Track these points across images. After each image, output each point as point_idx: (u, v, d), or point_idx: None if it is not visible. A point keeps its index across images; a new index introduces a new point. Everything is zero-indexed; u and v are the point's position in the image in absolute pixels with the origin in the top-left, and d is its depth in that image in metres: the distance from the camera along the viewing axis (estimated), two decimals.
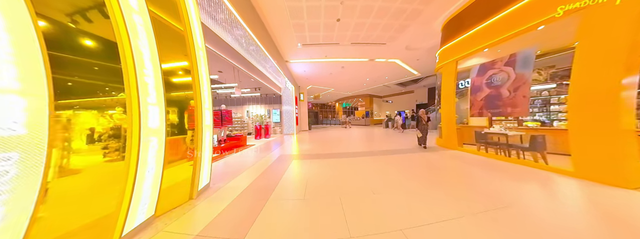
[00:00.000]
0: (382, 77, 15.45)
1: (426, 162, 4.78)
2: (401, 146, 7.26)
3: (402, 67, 12.32)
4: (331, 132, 14.53)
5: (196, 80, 3.09)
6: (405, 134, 11.51)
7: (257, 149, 7.58)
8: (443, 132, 6.94)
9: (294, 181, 3.65)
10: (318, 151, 6.62)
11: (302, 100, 17.58)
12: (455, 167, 4.34)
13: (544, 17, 3.78)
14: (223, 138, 8.60)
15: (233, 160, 5.66)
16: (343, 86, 18.79)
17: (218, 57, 6.16)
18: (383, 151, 6.30)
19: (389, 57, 10.02)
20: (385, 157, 5.39)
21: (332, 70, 12.18)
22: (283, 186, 3.42)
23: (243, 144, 9.23)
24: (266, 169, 4.51)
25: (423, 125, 7.67)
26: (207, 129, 3.39)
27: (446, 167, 4.42)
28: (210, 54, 5.97)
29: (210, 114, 3.46)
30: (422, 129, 7.59)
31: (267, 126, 12.45)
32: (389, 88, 22.13)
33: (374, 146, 7.57)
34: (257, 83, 10.02)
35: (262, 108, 16.25)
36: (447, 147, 6.60)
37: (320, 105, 36.49)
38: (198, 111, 3.11)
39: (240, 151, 7.47)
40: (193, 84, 3.06)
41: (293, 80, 14.54)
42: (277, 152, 6.64)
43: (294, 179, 3.79)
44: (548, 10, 3.72)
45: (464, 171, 4.12)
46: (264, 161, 5.38)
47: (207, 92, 3.41)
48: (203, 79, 3.27)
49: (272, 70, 10.06)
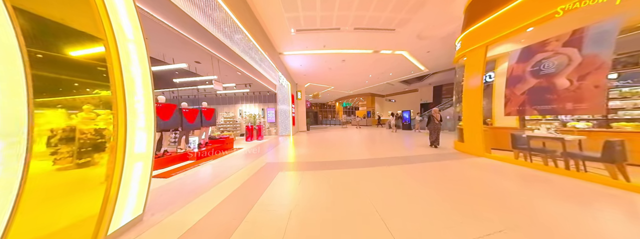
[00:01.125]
0: (386, 74, 14.26)
1: (453, 177, 3.59)
2: (413, 151, 6.06)
3: (409, 62, 11.13)
4: (331, 134, 13.33)
5: (113, 55, 1.89)
6: (412, 135, 10.31)
7: (242, 155, 6.39)
8: (465, 134, 5.74)
9: (272, 210, 2.45)
10: (314, 158, 5.42)
11: (299, 98, 16.40)
12: (495, 184, 3.14)
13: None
14: (204, 141, 7.42)
15: (203, 172, 4.46)
16: (343, 83, 17.59)
17: (194, 45, 4.99)
18: (393, 159, 5.09)
19: (396, 48, 8.83)
20: (397, 168, 4.19)
21: (331, 64, 10.98)
22: (254, 219, 2.23)
23: (228, 148, 8.04)
24: (240, 187, 3.32)
25: (435, 124, 6.51)
26: (143, 132, 2.21)
27: (482, 183, 3.22)
28: (182, 40, 4.79)
29: (148, 111, 2.26)
30: (433, 129, 6.80)
31: (259, 127, 11.26)
32: (392, 86, 20.95)
33: (380, 150, 6.37)
34: (247, 78, 8.83)
35: (256, 107, 15.07)
36: (471, 154, 5.40)
37: (319, 104, 35.34)
38: (119, 107, 1.92)
39: (221, 157, 6.28)
40: (108, 63, 1.86)
41: (289, 76, 13.34)
42: (264, 159, 5.45)
43: (273, 205, 2.60)
44: None
45: (509, 190, 2.92)
46: (243, 172, 4.19)
47: (141, 77, 2.21)
48: (129, 59, 2.07)
49: (265, 64, 8.87)
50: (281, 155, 6.07)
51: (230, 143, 8.32)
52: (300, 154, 6.03)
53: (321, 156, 5.71)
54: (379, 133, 12.89)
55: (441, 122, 7.05)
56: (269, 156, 5.99)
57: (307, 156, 5.81)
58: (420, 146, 7.08)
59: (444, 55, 10.13)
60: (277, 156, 5.86)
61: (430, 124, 6.97)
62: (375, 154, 5.77)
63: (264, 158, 5.62)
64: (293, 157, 5.62)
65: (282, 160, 5.31)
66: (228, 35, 6.19)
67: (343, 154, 5.78)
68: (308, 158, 5.45)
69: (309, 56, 9.48)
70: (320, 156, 5.62)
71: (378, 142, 8.32)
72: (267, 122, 14.68)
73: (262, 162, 5.14)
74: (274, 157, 5.68)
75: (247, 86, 10.24)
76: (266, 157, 5.71)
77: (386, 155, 5.53)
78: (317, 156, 5.65)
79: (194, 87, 11.01)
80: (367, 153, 5.90)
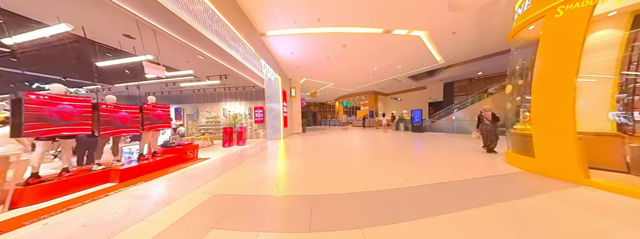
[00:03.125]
0: (394, 66, 12.15)
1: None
2: (452, 168, 3.95)
3: (424, 49, 9.02)
4: (329, 138, 11.23)
5: None
6: (417, 138, 8.20)
7: (197, 173, 4.29)
8: (536, 145, 3.62)
9: None
10: (295, 182, 3.34)
11: (293, 96, 14.31)
12: None
13: None
14: (151, 151, 5.34)
15: (79, 219, 2.36)
16: (344, 78, 15.48)
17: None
18: (432, 191, 2.99)
19: (414, 26, 6.72)
20: (448, 221, 2.10)
21: (330, 51, 8.87)
22: None
23: (189, 159, 5.96)
24: None
25: (487, 125, 5.29)
26: None
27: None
28: None
29: None
30: (486, 131, 5.34)
31: (241, 129, 9.17)
32: (399, 83, 18.84)
33: (415, 166, 4.26)
34: (221, 68, 6.74)
35: (242, 105, 12.99)
36: (551, 176, 3.30)
37: (319, 104, 33.29)
38: None
39: (165, 175, 4.18)
40: None
41: (279, 69, 11.23)
42: (218, 185, 3.35)
43: None
44: None
45: None
46: (154, 223, 2.10)
47: None
48: None
49: (244, 50, 6.79)
50: (249, 175, 3.97)
51: (192, 151, 6.24)
52: (278, 174, 3.93)
53: (308, 177, 3.62)
54: (391, 136, 10.78)
55: (497, 123, 5.25)
56: (232, 176, 3.90)
57: (288, 177, 3.72)
58: (466, 153, 4.97)
59: (472, 40, 8.03)
60: (241, 178, 3.76)
61: (481, 126, 5.36)
62: (397, 173, 3.66)
63: (220, 182, 3.52)
64: (268, 181, 3.52)
65: (242, 188, 3.21)
66: (182, 5, 4.15)
67: (344, 174, 3.68)
68: (286, 184, 3.36)
69: (300, 39, 7.37)
70: (306, 179, 3.53)
71: (404, 150, 6.20)
72: (255, 124, 12.60)
73: (210, 191, 3.05)
74: (235, 181, 3.58)
75: (223, 77, 8.14)
76: (225, 181, 3.61)
77: (428, 175, 3.42)
78: (301, 179, 3.56)
79: (160, 80, 8.92)
80: (384, 174, 3.79)
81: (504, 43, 8.89)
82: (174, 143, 6.18)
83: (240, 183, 3.49)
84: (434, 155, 5.35)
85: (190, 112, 13.63)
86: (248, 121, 12.64)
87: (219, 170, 4.49)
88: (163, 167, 4.99)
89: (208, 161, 5.86)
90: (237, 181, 3.60)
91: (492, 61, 13.03)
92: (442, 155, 5.32)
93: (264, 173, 4.04)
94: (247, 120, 12.64)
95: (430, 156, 5.17)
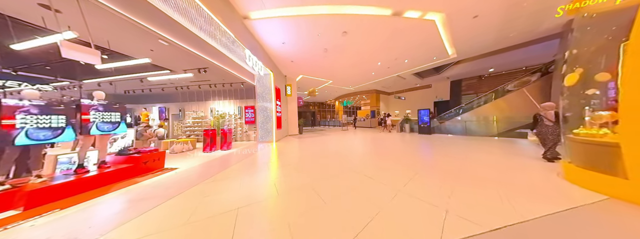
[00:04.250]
0: (400, 60, 10.95)
1: None
2: (512, 185, 2.75)
3: (437, 39, 7.83)
4: (328, 139, 10.04)
5: None
6: (423, 141, 7.01)
7: (129, 199, 3.09)
8: (631, 160, 2.42)
9: None
10: (280, 221, 2.16)
11: (289, 95, 13.12)
12: None
13: None
14: (101, 160, 4.17)
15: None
16: (344, 75, 14.28)
17: None
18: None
19: (428, 7, 5.51)
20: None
21: (327, 41, 7.67)
22: None
23: (148, 170, 4.76)
24: None
25: (549, 127, 4.24)
26: None
27: None
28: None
29: None
30: (545, 133, 4.30)
31: (224, 132, 7.99)
32: (403, 81, 17.64)
33: (445, 185, 3.06)
34: (199, 60, 5.55)
35: (232, 104, 11.81)
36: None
37: (318, 104, 32.12)
38: None
39: (77, 204, 2.97)
40: None
41: (271, 63, 10.05)
42: (153, 219, 2.15)
43: None
44: None
45: None
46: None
47: None
48: None
49: (224, 37, 5.61)
50: (211, 201, 2.77)
51: (152, 161, 5.04)
52: (251, 202, 2.73)
53: (294, 208, 2.43)
54: (396, 138, 9.58)
55: (557, 124, 4.10)
56: (187, 201, 2.70)
57: (263, 208, 2.52)
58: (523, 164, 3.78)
59: (494, 26, 6.83)
60: (196, 208, 2.56)
61: (538, 127, 4.39)
62: (426, 203, 2.47)
63: (163, 213, 2.33)
64: (223, 218, 2.32)
65: (189, 228, 2.02)
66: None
67: (349, 204, 2.49)
68: (258, 221, 2.16)
69: (292, 24, 6.16)
70: (291, 212, 2.34)
71: (411, 160, 5.00)
72: (245, 125, 11.41)
73: (141, 231, 1.87)
74: (184, 212, 2.38)
75: (202, 71, 6.94)
76: (171, 210, 2.42)
77: (457, 212, 2.23)
78: (284, 211, 2.37)
79: (132, 75, 7.73)
80: (407, 203, 2.59)
81: (528, 32, 7.70)
82: (131, 150, 4.98)
83: (189, 215, 2.29)
84: (463, 166, 4.15)
85: (176, 112, 12.46)
86: (238, 122, 11.47)
87: (176, 189, 3.30)
88: (107, 182, 3.79)
89: (173, 172, 4.68)
90: (185, 212, 2.41)
91: (506, 56, 11.85)
92: (473, 166, 4.12)
93: (232, 198, 2.85)
94: (236, 121, 11.47)
95: (460, 169, 3.97)
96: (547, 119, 4.23)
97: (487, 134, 9.77)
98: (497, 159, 4.76)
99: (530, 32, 7.70)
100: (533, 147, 6.10)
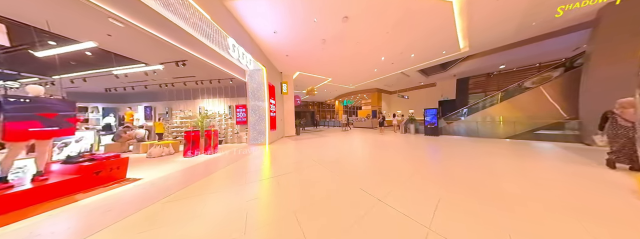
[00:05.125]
0: (406, 55, 10.01)
1: None
2: (586, 212, 1.84)
3: (449, 28, 6.92)
4: (327, 142, 9.11)
5: None
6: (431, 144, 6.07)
7: (48, 232, 2.14)
8: None
9: None
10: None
11: (285, 93, 12.20)
12: None
13: None
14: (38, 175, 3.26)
15: None
16: (345, 72, 13.36)
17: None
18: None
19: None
20: None
21: (325, 29, 6.74)
22: None
23: (103, 181, 3.83)
24: None
25: (625, 128, 3.30)
26: None
27: None
28: None
29: None
30: (617, 136, 3.36)
31: (209, 133, 7.07)
32: (406, 80, 16.73)
33: (498, 218, 2.15)
34: (169, 50, 4.63)
35: (222, 103, 10.89)
36: None
37: (318, 103, 31.25)
38: None
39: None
40: None
41: (263, 57, 9.14)
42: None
43: None
44: None
45: None
46: None
47: None
48: None
49: (201, 22, 4.69)
50: (152, 235, 1.84)
51: (115, 170, 4.13)
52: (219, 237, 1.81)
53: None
54: (403, 140, 8.66)
55: (635, 125, 3.19)
56: (128, 234, 1.79)
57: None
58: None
59: (519, 12, 5.90)
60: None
61: (610, 128, 3.52)
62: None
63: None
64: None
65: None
66: None
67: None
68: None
69: (283, 3, 5.21)
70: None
71: (431, 171, 4.08)
72: (237, 125, 10.49)
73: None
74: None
75: (180, 64, 6.01)
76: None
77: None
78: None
79: (98, 71, 6.78)
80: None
81: (550, 21, 6.77)
82: (83, 157, 4.06)
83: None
84: (502, 180, 3.22)
85: (163, 112, 11.54)
86: (229, 122, 10.55)
87: (115, 214, 2.37)
88: (33, 202, 2.86)
89: (131, 185, 3.76)
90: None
91: (519, 51, 10.95)
92: (518, 181, 3.20)
93: (176, 236, 1.92)
94: (227, 121, 10.54)
95: (500, 185, 3.04)
96: (623, 119, 3.31)
97: (502, 136, 8.85)
98: (546, 172, 3.83)
99: (552, 22, 6.78)
100: (564, 152, 5.18)
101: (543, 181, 3.13)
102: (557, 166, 4.02)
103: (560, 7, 3.51)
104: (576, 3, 2.86)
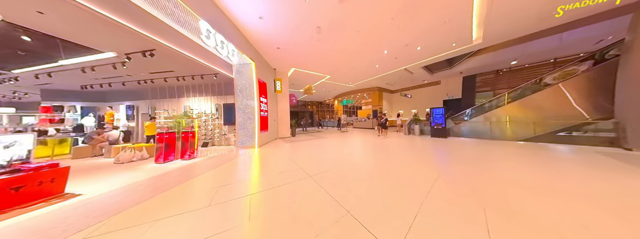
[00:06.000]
0: (411, 47, 9.07)
1: None
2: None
3: (463, 15, 6.00)
4: (325, 144, 8.17)
5: None
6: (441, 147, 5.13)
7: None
8: None
9: None
10: None
11: (279, 91, 11.27)
12: None
13: None
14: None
15: None
16: (343, 68, 12.41)
17: None
18: None
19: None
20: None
21: (319, 13, 5.79)
22: None
23: (16, 203, 2.88)
24: None
25: None
26: None
27: None
28: None
29: None
30: None
31: (186, 135, 6.16)
32: (409, 78, 15.78)
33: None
34: (127, 34, 3.70)
35: (209, 101, 9.97)
36: None
37: (317, 103, 30.31)
38: None
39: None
40: None
41: (251, 49, 8.22)
42: None
43: None
44: None
45: None
46: None
47: None
48: None
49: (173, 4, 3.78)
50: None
51: (47, 183, 3.22)
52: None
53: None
54: (409, 143, 7.71)
55: None
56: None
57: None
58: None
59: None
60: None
61: None
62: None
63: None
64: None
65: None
66: None
67: None
68: None
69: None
70: None
71: (462, 192, 3.16)
72: (224, 126, 9.56)
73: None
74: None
75: (148, 54, 5.07)
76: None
77: None
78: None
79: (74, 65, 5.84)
80: None
81: (571, 13, 5.82)
82: (10, 167, 3.13)
83: None
84: (549, 197, 2.30)
85: (146, 111, 10.61)
86: (216, 123, 9.62)
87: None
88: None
89: (61, 204, 2.84)
90: None
91: (534, 45, 10.01)
92: (568, 199, 2.27)
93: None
94: (214, 121, 9.61)
95: (551, 205, 2.12)
96: None
97: (518, 138, 7.93)
98: (601, 190, 2.90)
99: (579, 9, 5.83)
100: (600, 157, 4.25)
101: (599, 198, 2.20)
102: (608, 182, 3.08)
103: (560, 7, 3.53)
104: (577, 3, 2.87)
